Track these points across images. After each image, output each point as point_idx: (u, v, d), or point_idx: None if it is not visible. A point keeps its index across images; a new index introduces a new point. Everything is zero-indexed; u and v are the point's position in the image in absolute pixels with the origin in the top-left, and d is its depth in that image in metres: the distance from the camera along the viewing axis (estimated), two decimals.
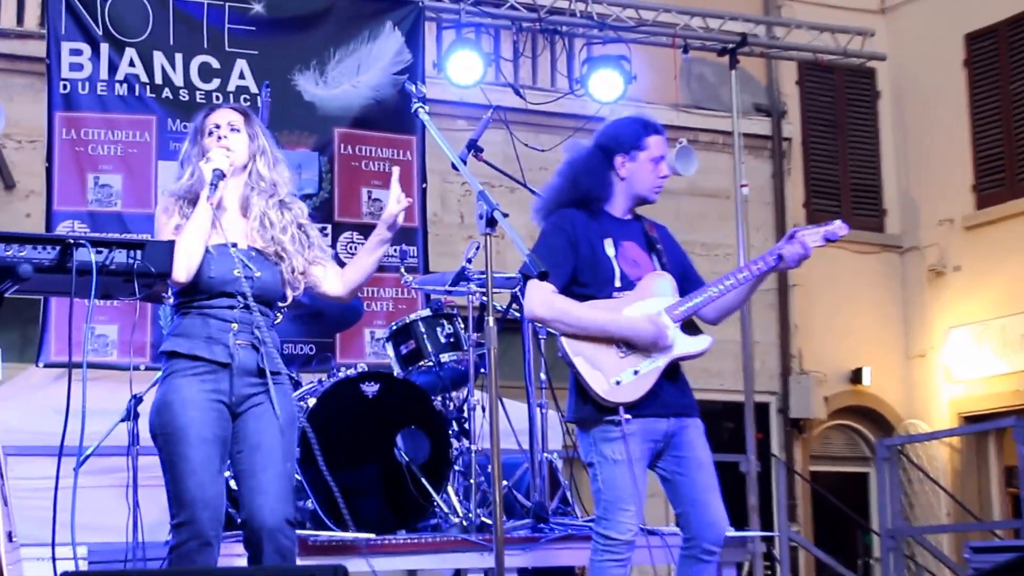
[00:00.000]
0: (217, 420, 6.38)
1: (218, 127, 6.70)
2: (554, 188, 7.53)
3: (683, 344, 7.23)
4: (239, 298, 6.49)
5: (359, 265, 7.03)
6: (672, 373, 7.25)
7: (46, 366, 11.92)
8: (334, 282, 6.92)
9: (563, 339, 7.18)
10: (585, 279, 7.20)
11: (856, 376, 20.93)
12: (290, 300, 6.80)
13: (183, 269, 6.31)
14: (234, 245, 6.56)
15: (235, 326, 6.47)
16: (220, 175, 6.44)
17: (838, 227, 7.48)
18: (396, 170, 6.83)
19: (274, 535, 6.37)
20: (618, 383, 7.06)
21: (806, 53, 16.84)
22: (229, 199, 6.71)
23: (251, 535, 6.38)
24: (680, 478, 7.26)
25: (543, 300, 7.13)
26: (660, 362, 7.15)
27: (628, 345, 7.13)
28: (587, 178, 7.36)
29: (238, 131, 6.72)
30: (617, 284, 7.21)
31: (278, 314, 6.96)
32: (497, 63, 15.39)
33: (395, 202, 6.68)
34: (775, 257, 7.28)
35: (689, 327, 7.36)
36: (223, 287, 6.48)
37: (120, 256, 5.16)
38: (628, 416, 6.97)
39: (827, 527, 20.11)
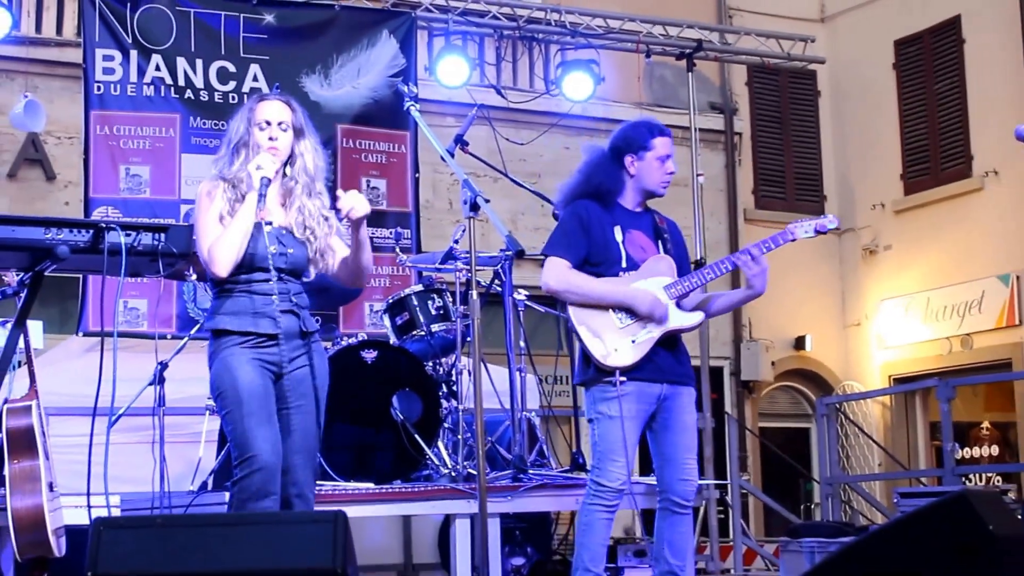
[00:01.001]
0: (268, 383, 6.37)
1: (268, 124, 6.52)
2: (573, 182, 7.62)
3: (677, 318, 7.32)
4: (274, 271, 6.41)
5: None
6: (670, 343, 7.40)
7: (85, 335, 12.04)
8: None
9: (570, 309, 7.33)
10: (596, 259, 7.30)
11: (799, 343, 21.04)
12: (312, 277, 6.74)
13: (226, 265, 6.26)
14: (268, 223, 6.48)
15: (275, 298, 6.41)
16: (268, 183, 6.34)
17: (829, 220, 7.68)
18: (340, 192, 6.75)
19: (303, 490, 6.43)
20: (616, 350, 7.18)
21: (754, 57, 16.84)
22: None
23: (284, 488, 6.34)
24: (663, 436, 7.40)
25: (557, 273, 7.28)
26: (655, 333, 7.26)
27: (628, 316, 7.24)
28: (600, 175, 7.47)
29: (287, 129, 6.57)
30: (623, 265, 7.33)
31: None
32: (481, 66, 15.52)
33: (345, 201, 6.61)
34: (731, 264, 7.58)
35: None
36: (261, 262, 6.39)
37: (146, 238, 5.11)
38: (623, 379, 7.10)
39: (773, 476, 20.13)
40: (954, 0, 20.08)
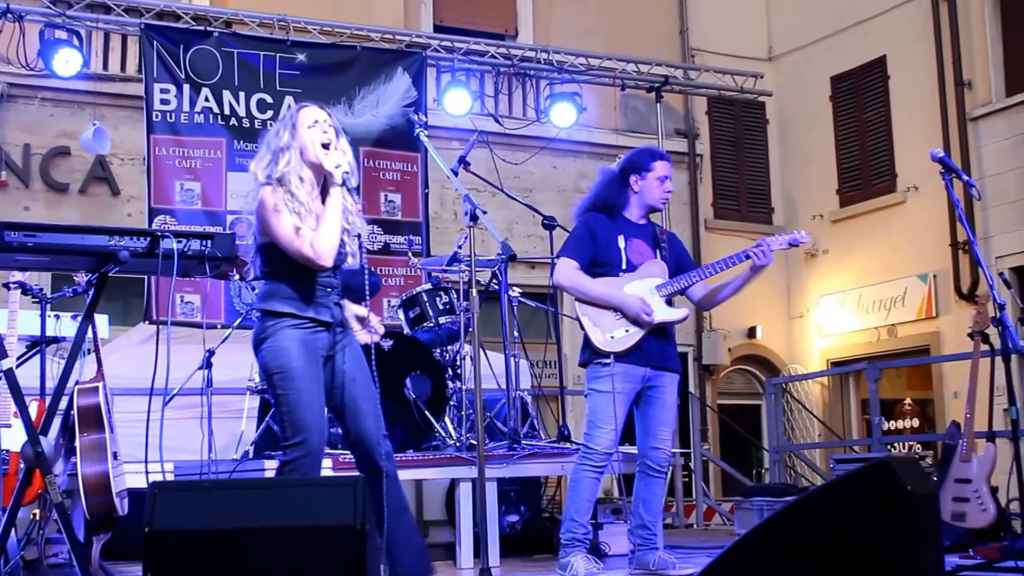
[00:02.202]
0: (319, 371, 6.17)
1: (317, 122, 6.30)
2: (587, 198, 7.78)
3: (663, 313, 7.42)
4: (336, 269, 6.30)
5: None
6: (660, 333, 7.50)
7: (150, 323, 12.05)
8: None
9: (576, 303, 7.49)
10: (600, 261, 7.45)
11: (751, 332, 21.10)
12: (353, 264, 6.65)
13: (329, 256, 6.09)
14: None
15: (331, 290, 6.27)
16: (348, 174, 6.23)
17: (801, 235, 7.82)
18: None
19: (380, 448, 6.29)
20: (612, 337, 7.33)
21: (712, 90, 16.90)
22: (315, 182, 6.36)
23: (363, 453, 6.27)
24: (645, 412, 7.55)
25: (566, 273, 7.43)
26: (646, 325, 7.36)
27: (622, 313, 7.35)
28: (608, 191, 7.66)
29: (332, 127, 6.37)
30: (623, 267, 7.47)
31: None
32: (481, 98, 15.51)
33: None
34: (743, 255, 7.55)
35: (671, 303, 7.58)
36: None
37: (195, 244, 5.11)
38: (610, 361, 7.26)
39: (730, 446, 20.13)
40: (881, 43, 20.20)
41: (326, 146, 6.28)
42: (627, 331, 7.34)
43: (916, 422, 20.38)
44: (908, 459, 5.08)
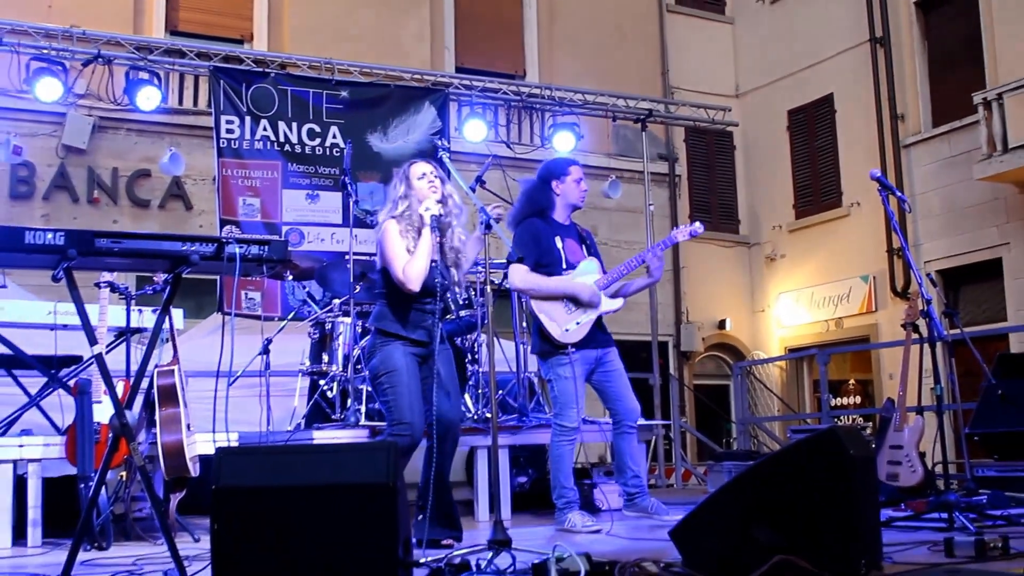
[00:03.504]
0: (418, 370, 6.48)
1: (425, 175, 6.64)
2: (519, 206, 7.78)
3: (606, 304, 7.50)
4: (434, 296, 6.49)
5: None
6: (599, 321, 7.52)
7: (220, 313, 12.12)
8: None
9: (532, 301, 7.47)
10: (544, 262, 7.42)
11: (722, 324, 21.25)
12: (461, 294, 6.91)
13: (417, 283, 6.39)
14: (434, 261, 6.53)
15: (430, 314, 6.54)
16: (437, 219, 6.46)
17: (695, 227, 7.85)
18: None
19: (455, 426, 6.58)
20: (567, 330, 7.35)
21: (689, 122, 16.83)
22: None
23: (440, 427, 6.38)
24: (607, 384, 7.58)
25: (520, 275, 7.40)
26: (592, 315, 7.45)
27: (572, 304, 7.40)
28: (537, 196, 7.67)
29: (437, 177, 6.65)
30: (564, 266, 7.46)
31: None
32: (496, 127, 15.48)
33: None
34: (639, 259, 7.61)
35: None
36: (430, 289, 6.46)
37: (254, 249, 5.09)
38: (573, 349, 7.31)
39: (703, 418, 20.17)
40: (829, 82, 20.49)
41: (434, 193, 6.60)
42: (578, 323, 7.39)
43: (858, 399, 20.44)
44: (851, 429, 5.09)
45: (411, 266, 6.37)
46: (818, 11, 20.67)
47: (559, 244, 7.46)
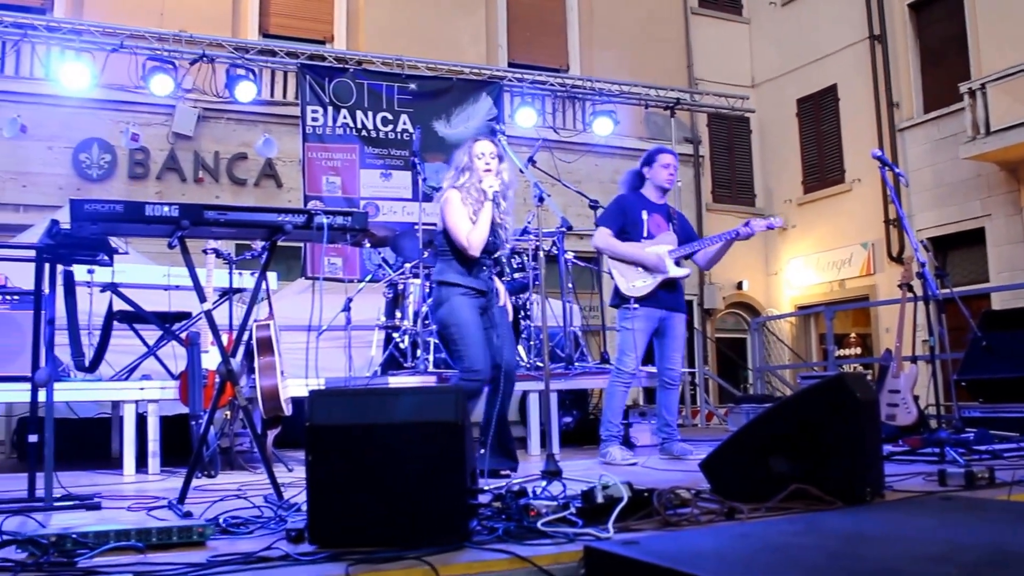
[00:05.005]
0: (480, 319, 6.42)
1: (483, 155, 6.56)
2: (620, 185, 7.80)
3: (673, 270, 7.42)
4: (490, 254, 6.56)
5: None
6: (671, 286, 7.48)
7: (306, 279, 12.16)
8: None
9: (608, 260, 7.55)
10: (628, 231, 7.42)
11: (740, 285, 21.21)
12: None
13: (479, 248, 6.39)
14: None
15: (485, 268, 6.55)
16: (496, 194, 6.44)
17: (775, 220, 7.63)
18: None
19: (512, 371, 6.52)
20: (634, 286, 7.34)
21: (711, 108, 16.73)
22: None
23: (501, 372, 6.40)
24: (662, 342, 7.56)
25: (601, 238, 7.43)
26: (659, 278, 7.38)
27: (643, 267, 7.36)
28: (632, 181, 7.70)
29: (495, 157, 6.58)
30: (645, 235, 7.43)
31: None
32: (543, 114, 15.48)
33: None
34: (734, 233, 7.47)
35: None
36: (488, 248, 6.49)
37: (339, 219, 5.09)
38: (637, 305, 7.31)
39: (724, 367, 20.08)
40: (833, 74, 20.34)
41: (488, 171, 6.52)
42: (645, 282, 7.34)
43: (859, 350, 20.30)
44: (857, 375, 5.07)
45: (474, 234, 6.35)
46: (823, 12, 20.53)
47: (644, 217, 7.43)
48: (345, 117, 12.76)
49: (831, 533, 3.52)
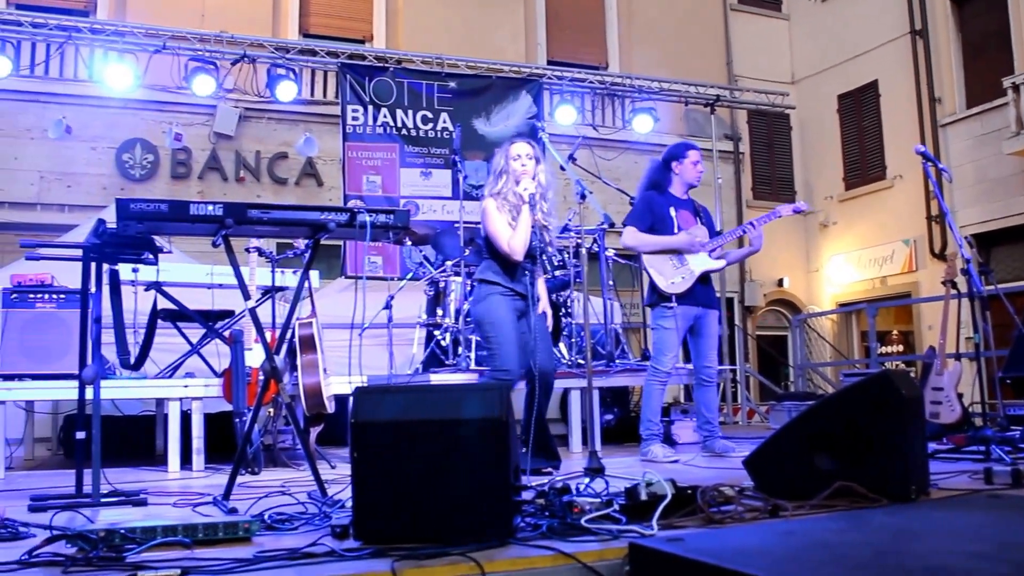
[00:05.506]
0: (516, 322, 6.42)
1: (519, 157, 6.54)
2: (643, 181, 7.74)
3: (709, 263, 7.45)
4: (533, 259, 6.55)
5: None
6: (704, 281, 7.49)
7: (345, 277, 12.20)
8: None
9: (643, 257, 7.44)
10: (657, 227, 7.39)
11: (781, 282, 21.05)
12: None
13: (521, 252, 6.37)
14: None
15: (526, 272, 6.53)
16: (533, 197, 6.36)
17: (801, 204, 7.71)
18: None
19: (550, 374, 6.51)
20: (672, 283, 7.32)
21: (751, 105, 16.67)
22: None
23: (533, 375, 6.38)
24: (698, 340, 7.56)
25: (631, 235, 7.39)
26: (694, 269, 7.39)
27: (679, 261, 7.37)
28: (658, 175, 7.64)
29: (532, 159, 6.55)
30: (674, 230, 7.41)
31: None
32: (583, 112, 15.46)
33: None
34: (742, 229, 7.61)
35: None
36: (528, 253, 6.45)
37: (381, 218, 5.10)
38: (675, 304, 7.29)
39: (765, 364, 20.01)
40: (873, 70, 20.11)
41: (524, 173, 6.50)
42: (683, 277, 7.33)
43: (900, 347, 20.20)
44: (901, 372, 5.04)
45: (515, 240, 6.34)
46: (863, 7, 20.34)
47: (672, 213, 7.42)
48: (385, 116, 12.79)
49: (877, 530, 3.50)
